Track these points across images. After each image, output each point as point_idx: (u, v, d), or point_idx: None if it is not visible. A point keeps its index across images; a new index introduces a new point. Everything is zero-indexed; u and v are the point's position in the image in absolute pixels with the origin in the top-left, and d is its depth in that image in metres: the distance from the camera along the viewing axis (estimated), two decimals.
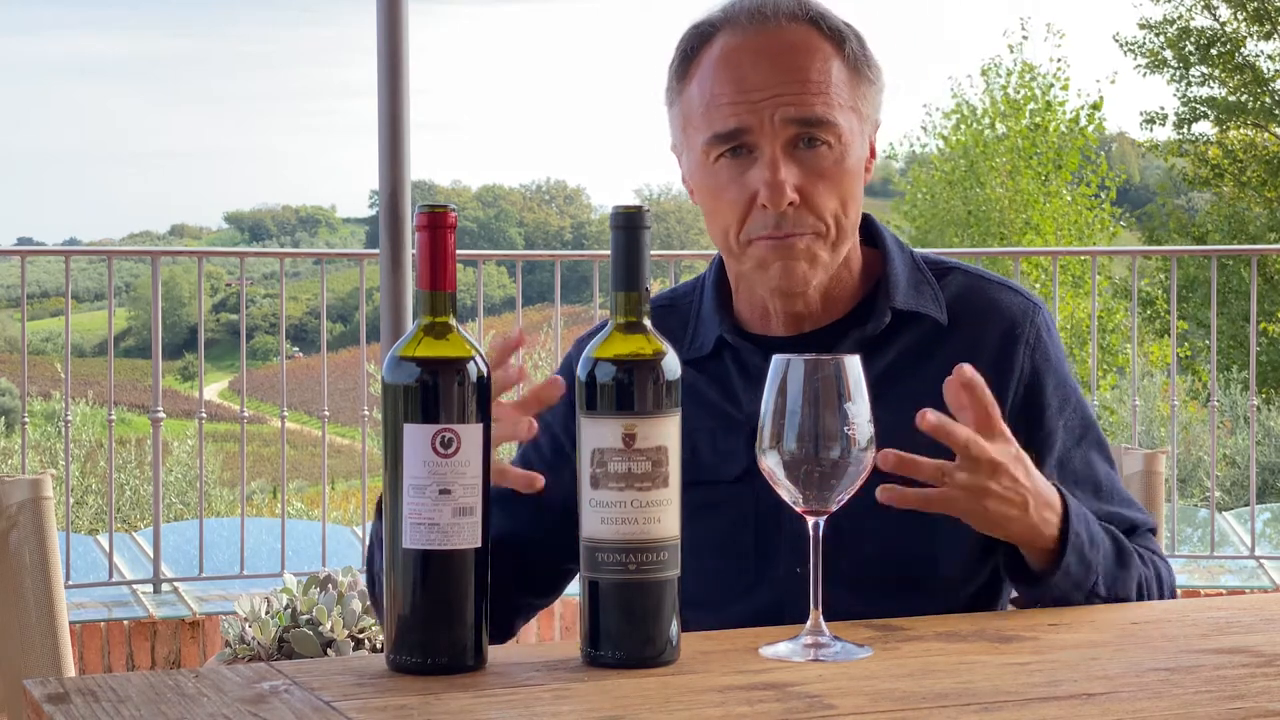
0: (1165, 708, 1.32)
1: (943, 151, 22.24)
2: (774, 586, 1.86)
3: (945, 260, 1.97)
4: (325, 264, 6.96)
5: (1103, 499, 1.91)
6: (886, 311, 1.88)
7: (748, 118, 1.82)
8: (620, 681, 1.40)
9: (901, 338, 1.88)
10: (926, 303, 1.90)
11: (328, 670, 1.44)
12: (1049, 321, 1.93)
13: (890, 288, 1.89)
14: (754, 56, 1.84)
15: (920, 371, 1.86)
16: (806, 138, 1.82)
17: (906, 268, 1.93)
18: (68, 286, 5.90)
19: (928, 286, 1.91)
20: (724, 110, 1.83)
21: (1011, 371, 1.88)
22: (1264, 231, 24.44)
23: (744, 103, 1.82)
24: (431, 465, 1.41)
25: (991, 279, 1.95)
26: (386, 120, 3.84)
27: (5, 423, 17.56)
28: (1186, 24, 25.86)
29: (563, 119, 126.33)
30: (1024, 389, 1.89)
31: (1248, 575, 6.38)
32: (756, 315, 1.93)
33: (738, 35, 1.85)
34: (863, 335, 1.87)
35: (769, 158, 1.82)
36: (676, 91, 1.90)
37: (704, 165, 1.86)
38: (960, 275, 1.94)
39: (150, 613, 5.58)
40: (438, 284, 1.46)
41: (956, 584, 1.89)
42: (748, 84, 1.83)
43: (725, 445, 1.88)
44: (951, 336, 1.89)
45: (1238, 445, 11.76)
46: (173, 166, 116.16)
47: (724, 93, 1.83)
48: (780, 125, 1.82)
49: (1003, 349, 1.89)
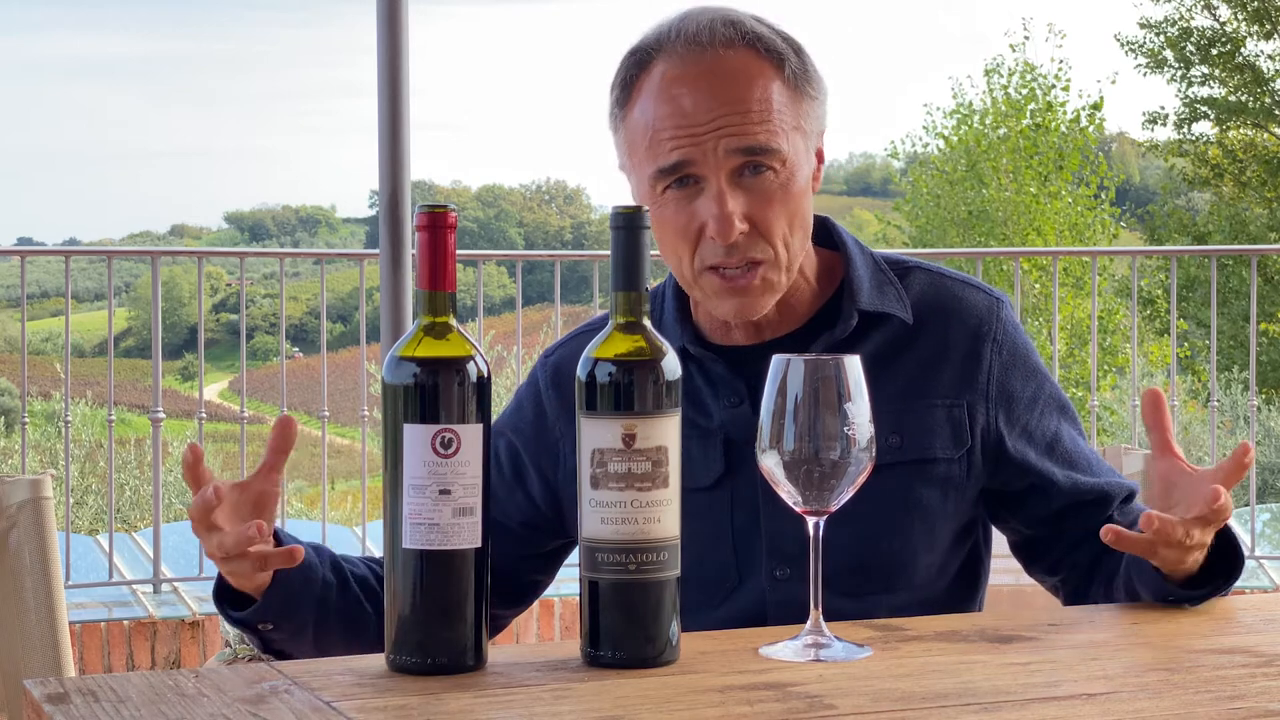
0: (1165, 708, 1.32)
1: (944, 151, 22.22)
2: (754, 591, 1.88)
3: (905, 260, 1.97)
4: (325, 264, 6.97)
5: (1095, 473, 1.94)
6: (853, 314, 1.88)
7: (691, 150, 1.80)
8: (620, 681, 1.40)
9: (870, 339, 1.88)
10: (891, 303, 1.90)
11: (328, 670, 1.44)
12: (1012, 315, 1.95)
13: (854, 290, 1.89)
14: (693, 86, 1.81)
15: (890, 372, 1.87)
16: (752, 165, 1.81)
17: (869, 269, 1.93)
18: (68, 286, 5.91)
19: (891, 287, 1.92)
20: (666, 144, 1.81)
21: (980, 369, 1.90)
22: (1264, 231, 24.45)
23: (686, 135, 1.80)
24: (431, 465, 1.41)
25: (953, 277, 1.96)
26: (386, 120, 3.84)
27: (5, 423, 17.57)
28: (1187, 24, 25.86)
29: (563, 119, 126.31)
30: (996, 386, 1.91)
31: (1248, 575, 6.39)
32: (717, 327, 1.93)
33: (676, 64, 1.82)
34: (832, 338, 1.87)
35: (715, 190, 1.80)
36: (619, 118, 1.87)
37: (651, 196, 1.84)
38: (922, 274, 1.95)
39: (150, 613, 5.58)
40: (438, 284, 1.46)
41: (934, 578, 1.91)
42: (689, 116, 1.80)
43: (698, 453, 1.88)
44: (918, 336, 1.90)
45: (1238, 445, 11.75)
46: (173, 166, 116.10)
47: (665, 126, 1.81)
48: (724, 156, 1.80)
49: (970, 348, 1.91)
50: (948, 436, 1.88)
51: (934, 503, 1.88)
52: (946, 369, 1.90)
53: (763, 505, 1.85)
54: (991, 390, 1.91)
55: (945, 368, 1.90)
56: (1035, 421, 1.93)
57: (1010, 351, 1.92)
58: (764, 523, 1.86)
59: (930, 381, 1.89)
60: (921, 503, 1.87)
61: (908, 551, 1.86)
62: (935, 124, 22.71)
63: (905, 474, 1.87)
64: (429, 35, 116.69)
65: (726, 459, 1.88)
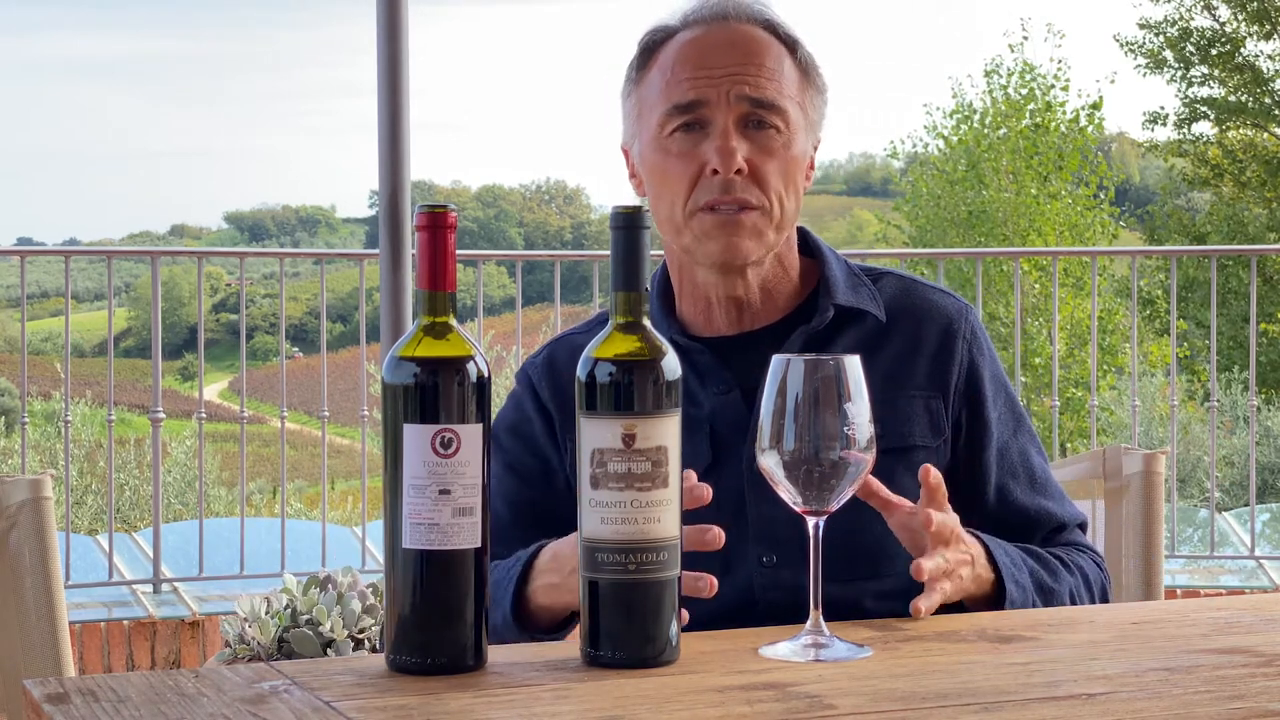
0: (1165, 708, 1.32)
1: (944, 152, 22.20)
2: (744, 578, 1.91)
3: (876, 267, 2.09)
4: (325, 264, 6.96)
5: (1037, 490, 2.02)
6: (829, 308, 1.97)
7: (706, 90, 1.92)
8: (620, 681, 1.40)
9: (845, 335, 1.97)
10: (865, 301, 2.00)
11: (328, 670, 1.45)
12: (979, 322, 2.06)
13: (830, 287, 1.99)
14: (713, 41, 1.95)
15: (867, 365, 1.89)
16: (756, 119, 1.93)
17: (843, 271, 2.03)
18: (67, 286, 5.90)
19: (864, 288, 2.02)
20: (684, 84, 1.94)
21: (952, 362, 1.99)
22: (1264, 232, 24.45)
23: (704, 78, 1.93)
24: (431, 465, 1.42)
25: (923, 282, 2.07)
26: (386, 120, 3.84)
27: (5, 423, 17.56)
28: (1186, 24, 25.86)
29: (563, 119, 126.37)
30: (964, 380, 2.00)
31: (1248, 575, 6.39)
32: (700, 316, 2.00)
33: (697, 29, 1.97)
34: (809, 330, 1.96)
35: (721, 128, 1.92)
36: (634, 83, 2.01)
37: (656, 140, 1.95)
38: (894, 279, 2.06)
39: (150, 613, 5.58)
40: (438, 284, 1.46)
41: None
42: (706, 61, 1.94)
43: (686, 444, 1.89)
44: (892, 333, 2.00)
45: (1237, 445, 11.76)
46: (173, 166, 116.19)
47: (684, 70, 1.94)
48: (735, 101, 1.92)
49: (942, 343, 2.00)
50: (925, 425, 1.96)
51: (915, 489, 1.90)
52: (920, 363, 1.98)
53: (749, 492, 1.91)
54: (960, 383, 1.99)
55: (919, 361, 1.99)
56: (992, 423, 2.01)
57: (979, 351, 2.02)
58: (750, 510, 1.91)
59: (906, 374, 1.97)
60: (903, 490, 1.90)
61: (891, 538, 1.88)
62: (935, 124, 22.70)
63: (886, 462, 1.89)
64: (429, 35, 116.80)
65: (714, 448, 1.94)
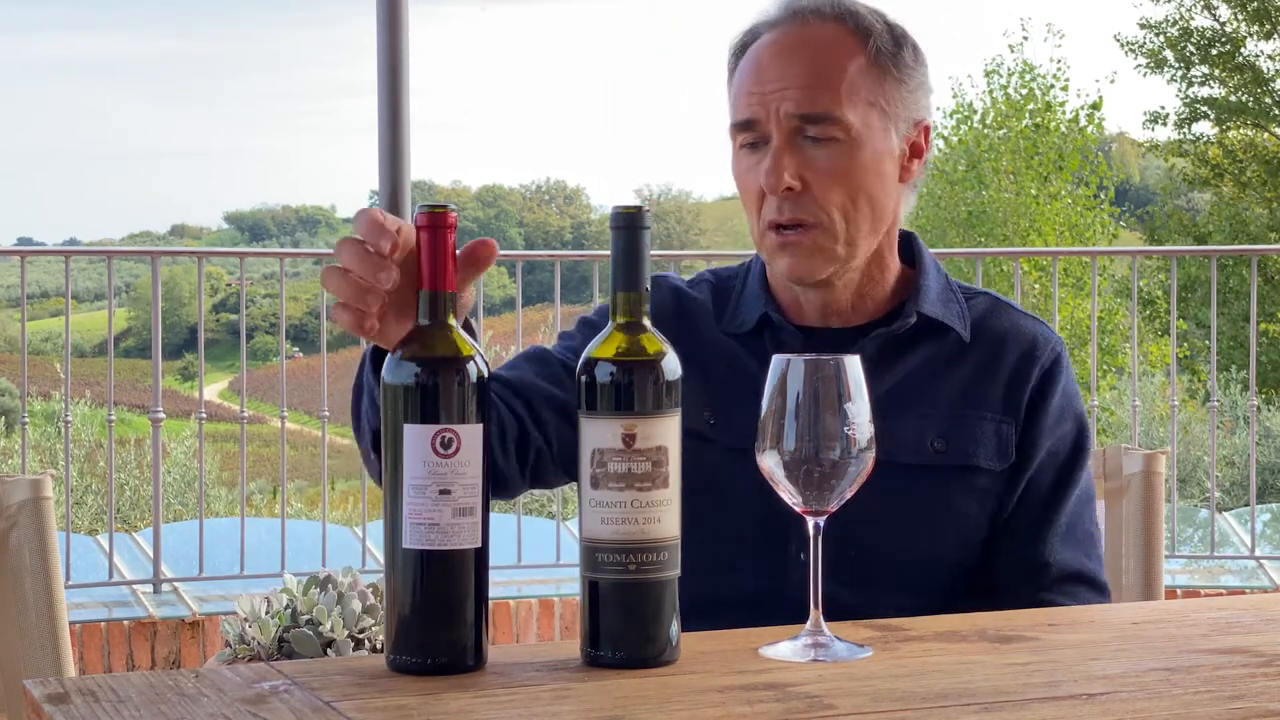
0: (1165, 708, 1.32)
1: (944, 152, 22.21)
2: (778, 567, 1.90)
3: (976, 286, 2.04)
4: (325, 264, 6.95)
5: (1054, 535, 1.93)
6: (913, 313, 1.94)
7: (758, 109, 1.90)
8: (620, 681, 1.40)
9: (924, 346, 1.94)
10: (952, 317, 1.96)
11: (328, 670, 1.44)
12: (1066, 357, 1.99)
13: (920, 296, 1.96)
14: (775, 52, 1.91)
15: (938, 382, 1.94)
16: (810, 131, 1.88)
17: (939, 285, 1.99)
18: (67, 286, 5.90)
19: (955, 304, 1.98)
20: (741, 102, 1.92)
21: (1025, 386, 1.94)
22: (1264, 231, 24.45)
23: (757, 94, 1.90)
24: (431, 465, 1.41)
25: (1016, 308, 2.02)
26: (386, 120, 3.84)
27: (5, 423, 17.57)
28: (1187, 24, 25.87)
29: (563, 119, 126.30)
30: (1029, 402, 1.94)
31: (1248, 575, 6.39)
32: (791, 307, 1.99)
33: (774, 33, 1.93)
34: (888, 333, 1.93)
35: (774, 146, 1.89)
36: (729, 80, 1.99)
37: (734, 152, 1.95)
38: (987, 299, 2.01)
39: (150, 613, 5.58)
40: (438, 284, 1.46)
41: (959, 578, 1.93)
42: (763, 76, 1.90)
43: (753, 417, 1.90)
44: (972, 353, 1.95)
45: (1237, 445, 11.77)
46: (173, 166, 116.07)
47: (745, 85, 1.92)
48: (784, 118, 1.89)
49: (1018, 368, 1.95)
50: (993, 449, 1.92)
51: (970, 510, 1.91)
52: (996, 385, 1.94)
53: None
54: (1026, 404, 1.94)
55: (995, 384, 1.94)
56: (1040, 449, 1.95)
57: (1052, 378, 1.95)
58: None
59: (980, 395, 1.94)
60: (958, 511, 1.90)
61: (938, 549, 1.88)
62: (935, 124, 22.70)
63: (945, 479, 1.91)
64: (429, 35, 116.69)
65: None
